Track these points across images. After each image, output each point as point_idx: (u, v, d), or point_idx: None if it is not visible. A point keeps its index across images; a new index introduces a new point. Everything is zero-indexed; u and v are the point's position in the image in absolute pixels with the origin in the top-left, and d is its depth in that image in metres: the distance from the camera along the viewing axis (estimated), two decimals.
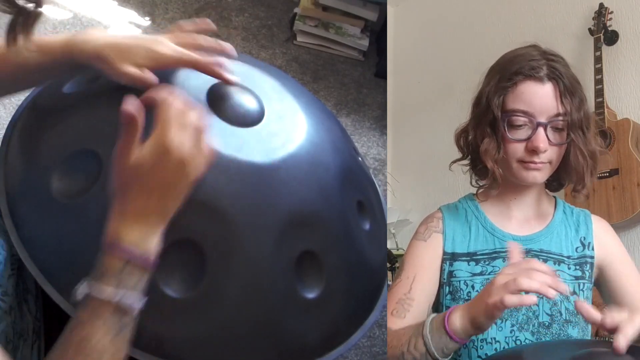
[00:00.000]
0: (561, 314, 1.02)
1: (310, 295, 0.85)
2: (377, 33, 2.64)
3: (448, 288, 1.06)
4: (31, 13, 0.66)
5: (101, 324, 0.64)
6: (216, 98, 0.86)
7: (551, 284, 0.80)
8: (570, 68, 1.03)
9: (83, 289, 0.66)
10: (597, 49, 1.96)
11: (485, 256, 1.07)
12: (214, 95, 0.86)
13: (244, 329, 0.80)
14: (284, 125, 0.90)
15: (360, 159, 1.12)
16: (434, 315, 0.92)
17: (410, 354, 0.90)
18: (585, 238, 1.09)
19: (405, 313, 1.02)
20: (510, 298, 0.79)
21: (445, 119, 2.37)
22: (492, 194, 1.09)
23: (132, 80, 0.80)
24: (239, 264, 0.78)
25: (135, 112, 0.68)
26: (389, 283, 1.07)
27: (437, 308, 1.09)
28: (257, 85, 0.94)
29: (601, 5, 2.03)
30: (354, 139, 2.20)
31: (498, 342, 1.01)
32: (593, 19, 2.03)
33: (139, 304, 0.67)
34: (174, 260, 0.75)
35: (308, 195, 0.86)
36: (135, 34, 0.83)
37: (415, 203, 2.55)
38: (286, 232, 0.82)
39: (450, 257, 1.08)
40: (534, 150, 0.99)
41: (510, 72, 1.01)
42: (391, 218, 2.39)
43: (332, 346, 0.89)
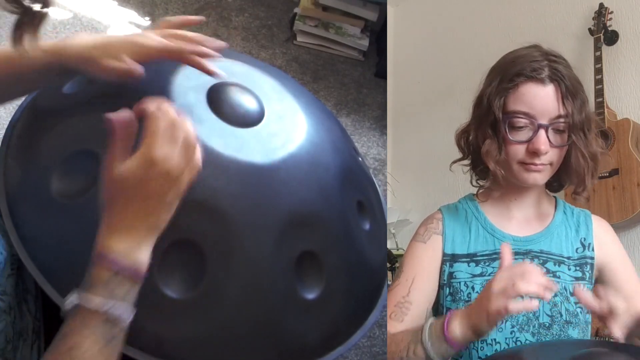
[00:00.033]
0: (561, 315, 1.02)
1: (310, 295, 0.85)
2: (377, 33, 2.64)
3: (448, 289, 1.06)
4: (37, 13, 0.67)
5: (90, 334, 0.64)
6: (216, 98, 0.86)
7: (547, 285, 0.82)
8: (572, 69, 1.02)
9: (72, 299, 0.66)
10: (597, 49, 1.96)
11: (485, 257, 1.06)
12: (214, 95, 0.86)
13: (244, 329, 0.80)
14: (283, 126, 0.90)
15: (360, 159, 1.12)
16: (432, 321, 0.92)
17: None
18: (585, 239, 1.09)
19: (403, 317, 1.03)
20: (515, 305, 0.81)
21: (445, 119, 2.37)
22: (494, 195, 1.08)
23: (118, 74, 0.79)
24: (239, 264, 0.78)
25: (121, 124, 0.69)
26: (389, 283, 1.07)
27: (437, 309, 1.09)
28: (257, 85, 0.94)
29: (601, 5, 2.03)
30: (354, 139, 2.20)
31: (498, 344, 1.01)
32: (593, 19, 2.03)
33: (129, 315, 0.67)
34: (174, 261, 0.75)
35: (308, 196, 0.86)
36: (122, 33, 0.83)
37: (415, 203, 2.55)
38: (286, 232, 0.82)
39: (450, 259, 1.07)
40: (534, 152, 0.98)
41: (512, 73, 1.00)
42: (391, 218, 2.39)
43: (332, 346, 0.89)
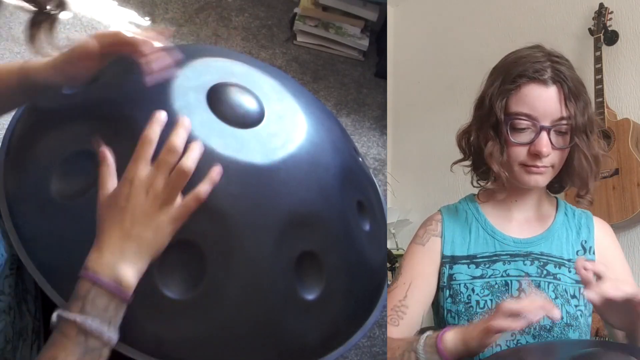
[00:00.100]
0: (562, 318, 1.01)
1: (310, 296, 0.85)
2: (377, 33, 2.64)
3: (448, 291, 1.06)
4: (52, 11, 0.67)
5: (67, 344, 0.65)
6: (216, 99, 0.86)
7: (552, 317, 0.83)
8: (575, 70, 1.01)
9: (58, 311, 0.67)
10: (597, 49, 1.96)
11: (485, 259, 1.06)
12: (213, 95, 0.86)
13: (243, 330, 0.80)
14: (283, 126, 0.90)
15: (360, 159, 1.12)
16: (429, 333, 0.93)
17: None
18: (586, 241, 1.08)
19: (399, 321, 1.03)
20: (495, 322, 0.83)
21: (445, 118, 2.37)
22: (499, 197, 1.07)
23: (83, 52, 0.78)
24: (239, 264, 0.78)
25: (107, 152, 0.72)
26: (389, 283, 1.07)
27: (438, 311, 1.09)
28: (257, 85, 0.94)
29: (601, 5, 2.03)
30: (354, 139, 2.20)
31: (499, 346, 1.01)
32: (593, 19, 2.03)
33: (107, 330, 0.67)
34: (174, 261, 0.75)
35: (308, 196, 0.86)
36: None
37: (415, 203, 2.55)
38: (286, 233, 0.82)
39: (449, 260, 1.07)
40: (536, 154, 0.98)
41: (514, 74, 0.99)
42: (391, 218, 2.39)
43: (332, 346, 0.89)
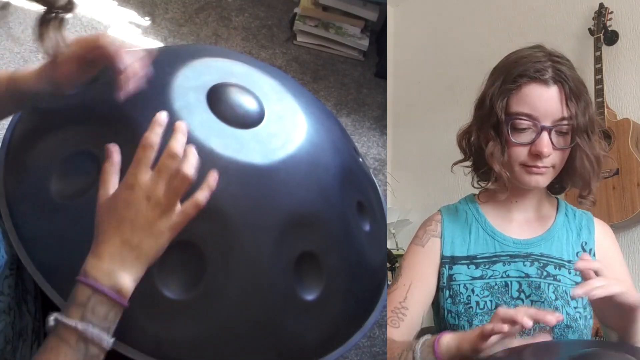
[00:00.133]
0: (563, 319, 1.01)
1: (310, 296, 0.85)
2: (377, 33, 2.64)
3: (448, 292, 1.06)
4: (62, 8, 0.67)
5: (66, 350, 0.65)
6: (216, 99, 0.86)
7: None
8: (576, 70, 1.01)
9: (55, 315, 0.67)
10: (597, 49, 1.96)
11: (485, 260, 1.06)
12: (213, 96, 0.86)
13: (243, 330, 0.80)
14: (283, 126, 0.90)
15: (361, 159, 1.12)
16: (428, 336, 0.93)
17: None
18: (586, 243, 1.08)
19: (400, 322, 1.03)
20: (489, 325, 0.83)
21: (445, 118, 2.37)
22: (500, 197, 1.06)
23: (62, 58, 0.78)
24: (239, 264, 0.78)
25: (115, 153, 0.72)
26: (389, 283, 1.07)
27: (438, 311, 1.09)
28: (257, 85, 0.94)
29: (601, 5, 2.03)
30: (354, 139, 2.20)
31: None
32: (593, 19, 2.03)
33: (106, 338, 0.67)
34: (174, 262, 0.75)
35: (308, 196, 0.86)
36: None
37: (415, 203, 2.55)
38: (286, 233, 0.82)
39: (449, 261, 1.07)
40: (537, 155, 0.97)
41: (515, 74, 0.99)
42: (391, 218, 2.39)
43: (332, 347, 0.89)
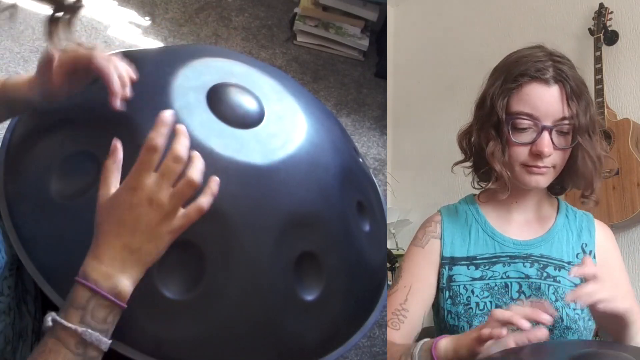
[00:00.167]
0: (562, 320, 1.01)
1: (310, 296, 0.85)
2: (377, 33, 2.64)
3: (448, 293, 1.06)
4: (70, 8, 0.67)
5: (65, 353, 0.65)
6: (216, 99, 0.86)
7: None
8: (577, 70, 1.01)
9: (53, 316, 0.66)
10: (597, 49, 1.96)
11: (485, 260, 1.06)
12: (213, 96, 0.86)
13: (243, 330, 0.80)
14: (283, 126, 0.90)
15: (361, 159, 1.12)
16: (425, 340, 0.93)
17: None
18: (587, 245, 1.08)
19: (400, 325, 1.03)
20: (486, 329, 0.83)
21: (445, 118, 2.37)
22: (501, 197, 1.06)
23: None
24: (239, 264, 0.78)
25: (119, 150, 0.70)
26: (389, 283, 1.07)
27: (438, 312, 1.09)
28: (257, 85, 0.94)
29: (601, 5, 2.03)
30: (354, 139, 2.20)
31: None
32: (593, 19, 2.03)
33: (105, 340, 0.67)
34: (174, 262, 0.75)
35: (308, 196, 0.86)
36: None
37: (415, 203, 2.54)
38: (286, 233, 0.82)
39: (449, 262, 1.07)
40: (538, 155, 0.97)
41: (515, 73, 0.99)
42: (391, 218, 2.39)
43: (332, 347, 0.89)
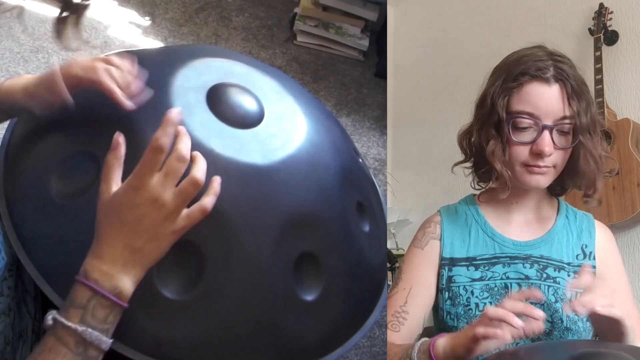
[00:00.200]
0: (562, 321, 1.01)
1: (310, 296, 0.85)
2: (377, 33, 2.65)
3: (447, 293, 1.05)
4: (78, 6, 0.68)
5: (65, 352, 0.65)
6: (216, 99, 0.86)
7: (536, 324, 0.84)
8: (577, 69, 1.01)
9: (53, 315, 0.66)
10: (597, 49, 1.96)
11: (484, 261, 1.06)
12: (213, 96, 0.86)
13: (243, 330, 0.80)
14: (283, 126, 0.90)
15: (360, 159, 1.12)
16: (424, 340, 0.93)
17: None
18: (587, 246, 1.07)
19: (400, 327, 1.03)
20: (481, 328, 0.83)
21: (445, 118, 2.38)
22: (501, 197, 1.05)
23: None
24: (238, 264, 0.78)
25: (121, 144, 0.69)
26: (389, 284, 1.07)
27: (438, 312, 1.09)
28: (257, 86, 0.94)
29: (601, 5, 2.03)
30: (354, 139, 2.20)
31: (499, 349, 1.01)
32: (593, 19, 2.03)
33: (106, 340, 0.67)
34: (173, 262, 0.75)
35: (308, 196, 0.86)
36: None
37: (415, 203, 2.55)
38: (286, 233, 0.82)
39: (448, 262, 1.07)
40: (538, 154, 0.97)
41: (516, 73, 0.99)
42: (391, 218, 2.39)
43: (332, 347, 0.89)
